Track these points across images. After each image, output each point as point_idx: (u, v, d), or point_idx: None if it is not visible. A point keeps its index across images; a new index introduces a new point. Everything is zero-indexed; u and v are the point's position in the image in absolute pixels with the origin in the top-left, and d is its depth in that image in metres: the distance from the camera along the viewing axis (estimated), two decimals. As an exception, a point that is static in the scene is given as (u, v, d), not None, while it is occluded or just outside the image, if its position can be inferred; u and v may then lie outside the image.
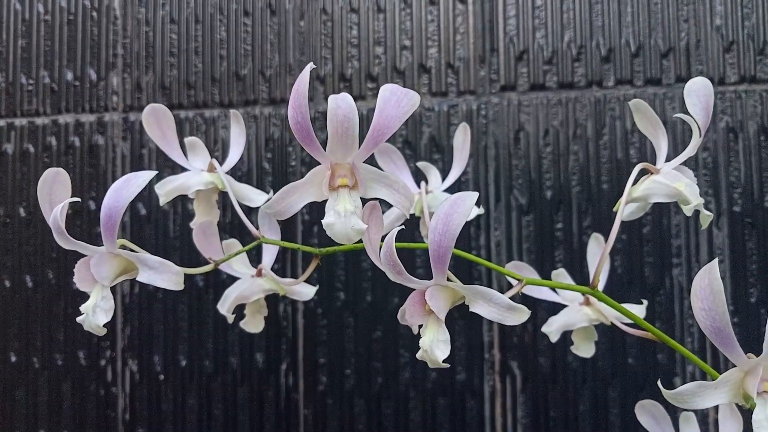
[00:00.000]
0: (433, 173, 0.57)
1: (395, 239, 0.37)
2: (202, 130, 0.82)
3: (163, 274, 0.39)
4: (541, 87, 0.79)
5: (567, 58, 0.78)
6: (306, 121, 0.37)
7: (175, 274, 0.39)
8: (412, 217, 0.51)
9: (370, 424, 0.79)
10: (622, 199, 0.45)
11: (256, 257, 0.55)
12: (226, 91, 0.83)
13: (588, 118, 0.78)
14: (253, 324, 0.53)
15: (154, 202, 0.82)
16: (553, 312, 0.55)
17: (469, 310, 0.39)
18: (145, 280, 0.40)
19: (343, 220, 0.38)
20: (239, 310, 0.53)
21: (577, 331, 0.54)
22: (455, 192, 0.37)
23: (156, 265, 0.40)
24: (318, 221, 0.79)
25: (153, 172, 0.38)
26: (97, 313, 0.39)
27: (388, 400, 0.79)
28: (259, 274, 0.51)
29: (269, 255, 0.53)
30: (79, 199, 0.38)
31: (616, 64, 0.78)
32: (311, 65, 0.37)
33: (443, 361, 0.38)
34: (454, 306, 0.40)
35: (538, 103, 0.78)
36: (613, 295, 0.45)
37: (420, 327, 0.40)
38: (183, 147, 0.52)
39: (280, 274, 0.78)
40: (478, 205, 0.38)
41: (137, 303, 0.82)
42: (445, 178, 0.57)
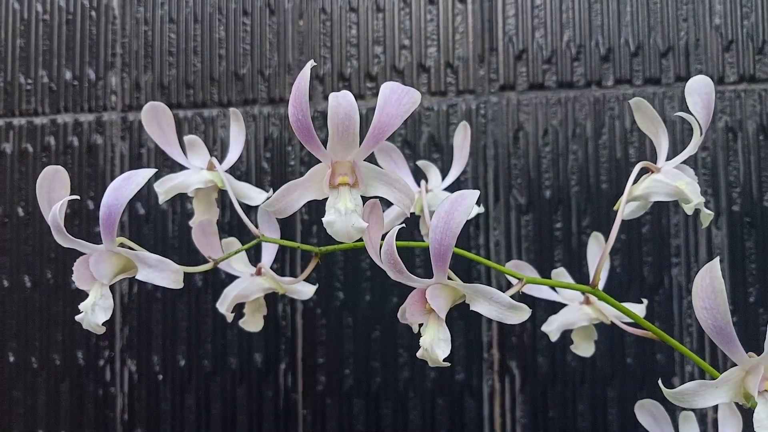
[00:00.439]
0: (433, 172, 0.57)
1: (395, 238, 0.37)
2: (201, 129, 0.82)
3: (162, 273, 0.39)
4: (540, 86, 0.79)
5: (566, 57, 0.78)
6: (306, 119, 0.37)
7: (175, 272, 0.39)
8: (411, 216, 0.50)
9: (369, 424, 0.78)
10: (623, 198, 0.44)
11: (255, 257, 0.55)
12: (225, 91, 0.83)
13: (587, 118, 0.78)
14: (253, 323, 0.53)
15: (152, 201, 0.82)
16: (552, 311, 0.55)
17: (470, 309, 0.39)
18: (144, 278, 0.40)
19: (343, 219, 0.38)
20: (238, 309, 0.53)
21: (577, 331, 0.54)
22: (455, 191, 0.37)
23: (155, 263, 0.39)
24: (317, 221, 0.79)
25: (153, 170, 0.38)
26: (96, 311, 0.39)
27: (387, 400, 0.78)
28: (258, 272, 0.51)
29: (269, 254, 0.53)
30: (78, 197, 0.38)
31: (616, 63, 0.78)
32: (312, 63, 0.36)
33: (444, 360, 0.38)
34: (454, 305, 0.40)
35: (537, 102, 0.78)
36: (612, 294, 0.45)
37: (420, 326, 0.40)
38: (182, 145, 0.52)
39: (279, 273, 0.77)
40: (477, 204, 0.38)
41: (136, 303, 0.82)
42: (444, 177, 0.57)
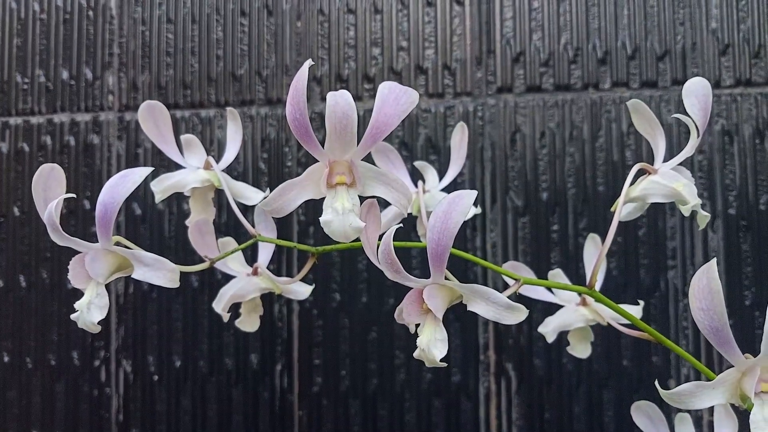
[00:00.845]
0: (430, 173, 0.57)
1: (392, 238, 0.37)
2: (198, 130, 0.82)
3: (158, 271, 0.39)
4: (537, 89, 0.79)
5: (563, 60, 0.79)
6: (304, 118, 0.37)
7: (171, 271, 0.39)
8: (408, 216, 0.50)
9: (365, 426, 0.78)
10: (620, 199, 0.45)
11: (252, 257, 0.54)
12: (222, 91, 0.83)
13: (584, 120, 0.78)
14: (249, 323, 0.53)
15: (149, 201, 0.82)
16: (549, 313, 0.55)
17: (467, 309, 0.39)
18: (140, 277, 0.39)
19: (340, 218, 0.38)
20: (234, 309, 0.53)
21: (573, 332, 0.54)
22: (452, 192, 0.37)
23: (151, 262, 0.39)
24: (314, 221, 0.79)
25: (149, 168, 0.38)
26: (91, 310, 0.39)
27: (383, 402, 0.78)
28: (255, 272, 0.51)
29: (265, 253, 0.53)
30: (74, 195, 0.38)
31: (613, 66, 0.78)
32: (310, 62, 0.36)
33: (440, 361, 0.38)
34: (451, 305, 0.40)
35: (534, 104, 0.79)
36: (608, 296, 0.45)
37: (417, 326, 0.40)
38: (179, 145, 0.52)
39: (275, 273, 0.77)
40: (474, 205, 0.38)
41: (131, 303, 0.82)
42: (441, 178, 0.57)
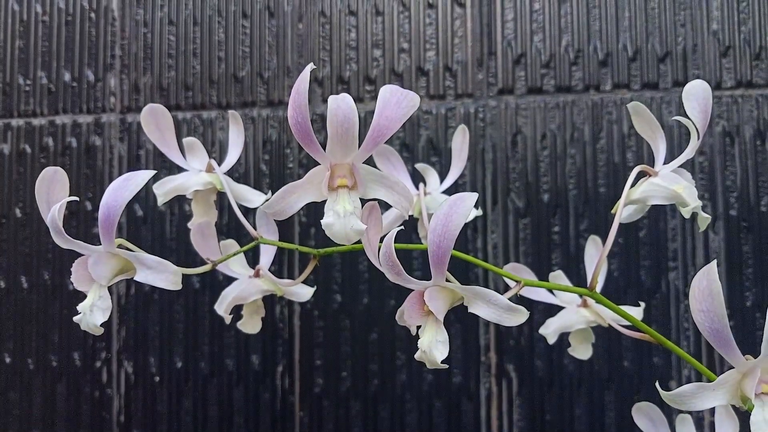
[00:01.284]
0: (431, 175, 0.57)
1: (394, 240, 0.37)
2: (200, 131, 0.82)
3: (161, 274, 0.39)
4: (538, 90, 0.79)
5: (564, 61, 0.79)
6: (306, 121, 0.37)
7: (173, 273, 0.39)
8: (409, 218, 0.51)
9: (366, 427, 0.78)
10: (621, 201, 0.45)
11: (253, 259, 0.55)
12: (224, 93, 0.83)
13: (585, 122, 0.78)
14: (250, 325, 0.53)
15: (150, 203, 0.82)
16: (550, 314, 0.55)
17: (468, 311, 0.39)
18: (142, 279, 0.40)
19: (342, 221, 0.38)
20: (236, 311, 0.53)
21: (574, 333, 0.54)
22: (453, 194, 0.37)
23: (154, 264, 0.39)
24: (315, 223, 0.79)
25: (152, 171, 0.38)
26: (94, 312, 0.39)
27: (384, 403, 0.78)
28: (256, 274, 0.51)
29: (267, 256, 0.53)
30: (77, 198, 0.38)
31: (614, 68, 0.78)
32: (311, 65, 0.37)
33: (441, 362, 0.38)
34: (452, 307, 0.40)
35: (535, 106, 0.79)
36: (609, 298, 0.45)
37: (418, 328, 0.40)
38: (181, 147, 0.52)
39: (276, 275, 0.77)
40: (475, 207, 0.39)
41: (133, 304, 0.82)
42: (443, 180, 0.57)
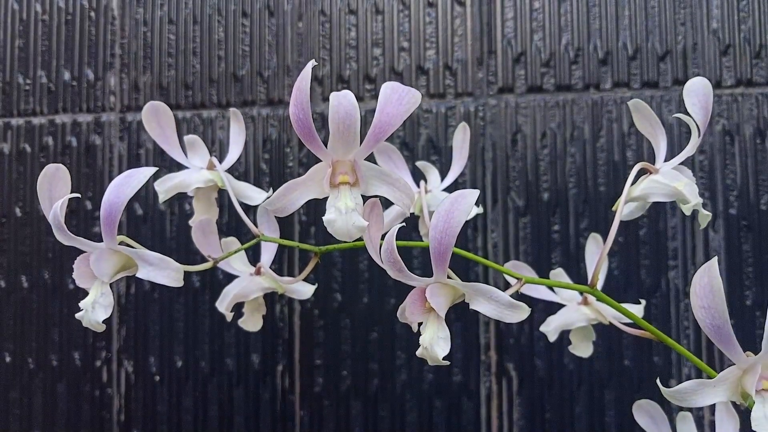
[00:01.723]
0: (432, 173, 0.57)
1: (395, 237, 0.37)
2: (200, 130, 0.82)
3: (162, 271, 0.39)
4: (538, 89, 0.79)
5: (564, 60, 0.79)
6: (308, 119, 0.37)
7: (175, 270, 0.39)
8: (410, 216, 0.51)
9: (367, 426, 0.78)
10: (622, 198, 0.45)
11: (254, 257, 0.55)
12: (224, 92, 0.83)
13: (585, 121, 0.78)
14: (251, 322, 0.53)
15: (151, 201, 0.82)
16: (550, 312, 0.55)
17: (470, 308, 0.39)
18: (144, 276, 0.40)
19: (344, 217, 0.38)
20: (237, 309, 0.53)
21: (575, 331, 0.54)
22: (454, 192, 0.37)
23: (156, 261, 0.40)
24: (315, 221, 0.79)
25: (153, 168, 0.38)
26: (96, 309, 0.39)
27: (384, 402, 0.79)
28: (258, 272, 0.51)
29: (268, 253, 0.53)
30: (79, 195, 0.38)
31: (614, 66, 0.78)
32: (313, 62, 0.37)
33: (443, 358, 0.38)
34: (453, 304, 0.40)
35: (535, 105, 0.79)
36: (610, 296, 0.45)
37: (420, 325, 0.40)
38: (182, 145, 0.52)
39: (276, 273, 0.77)
40: (476, 205, 0.39)
41: (133, 303, 0.82)
42: (443, 178, 0.57)
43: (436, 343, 0.38)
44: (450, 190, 0.51)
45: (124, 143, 0.84)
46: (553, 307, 0.55)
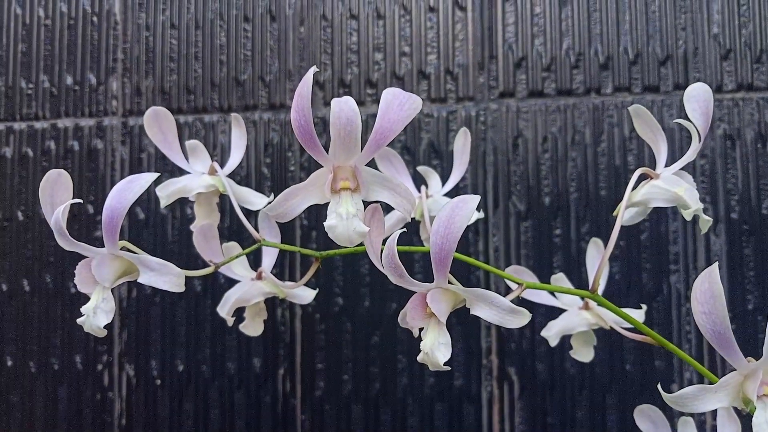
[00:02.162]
0: (433, 178, 0.57)
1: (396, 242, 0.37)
2: (202, 135, 0.83)
3: (164, 276, 0.39)
4: (539, 94, 0.79)
5: (565, 65, 0.79)
6: (309, 124, 0.37)
7: (176, 275, 0.39)
8: (411, 221, 0.51)
9: (368, 430, 0.78)
10: (622, 204, 0.45)
11: (254, 262, 0.55)
12: (225, 96, 0.83)
13: (586, 125, 0.78)
14: (253, 327, 0.53)
15: (152, 206, 0.82)
16: (552, 317, 0.55)
17: (471, 313, 0.39)
18: (146, 281, 0.40)
19: (345, 223, 0.38)
20: (238, 314, 0.53)
21: (576, 336, 0.54)
22: (455, 197, 0.37)
23: (157, 266, 0.40)
24: (316, 226, 0.79)
25: (155, 174, 0.38)
26: (97, 314, 0.39)
27: (385, 406, 0.78)
28: (259, 277, 0.51)
29: (269, 258, 0.53)
30: (81, 200, 0.39)
31: (615, 71, 0.78)
32: (314, 68, 0.37)
33: (444, 364, 0.38)
34: (454, 310, 0.40)
35: (536, 109, 0.79)
36: (611, 301, 0.45)
37: (421, 330, 0.40)
38: (184, 150, 0.52)
39: (278, 278, 0.77)
40: (477, 209, 0.39)
41: (134, 307, 0.82)
42: (444, 183, 0.57)
43: (437, 348, 0.38)
44: (451, 194, 0.51)
45: (126, 147, 0.84)
46: (555, 312, 0.55)
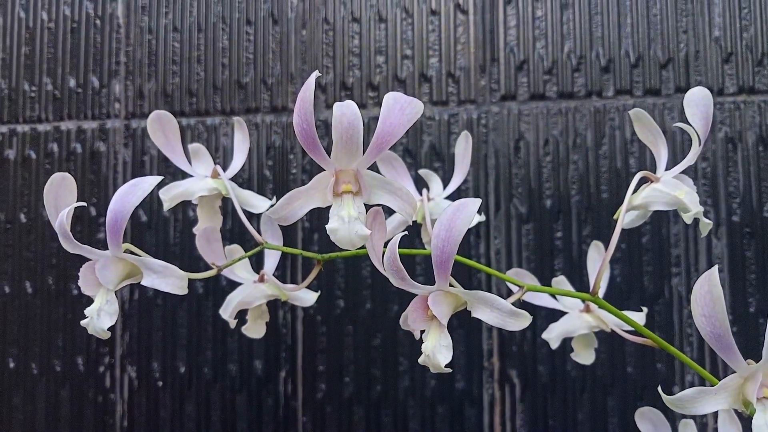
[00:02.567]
0: (434, 181, 0.57)
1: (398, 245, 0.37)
2: (204, 137, 0.83)
3: (167, 279, 0.40)
4: (541, 97, 0.79)
5: (567, 68, 0.79)
6: (311, 128, 0.37)
7: (179, 278, 0.40)
8: (413, 224, 0.51)
9: (369, 432, 0.79)
10: (623, 207, 0.45)
11: (256, 264, 0.55)
12: (227, 99, 0.83)
13: (588, 128, 0.78)
14: (255, 329, 0.53)
15: (154, 208, 0.82)
16: (553, 319, 0.55)
17: (472, 316, 0.39)
18: (149, 284, 0.40)
19: (347, 226, 0.38)
20: (240, 316, 0.53)
21: (577, 338, 0.54)
22: (456, 200, 0.38)
23: (160, 269, 0.40)
24: (318, 229, 0.80)
25: (159, 177, 0.39)
26: (101, 316, 0.40)
27: (387, 408, 0.79)
28: (261, 279, 0.51)
29: (271, 261, 0.53)
30: (85, 203, 0.39)
31: (616, 74, 0.78)
32: (316, 73, 0.37)
33: (446, 366, 0.38)
34: (455, 312, 0.40)
35: (538, 112, 0.79)
36: (612, 303, 0.45)
37: (422, 332, 0.40)
38: (186, 153, 0.52)
39: (279, 280, 0.78)
40: (478, 212, 0.39)
41: (136, 309, 0.82)
42: (446, 186, 0.57)
43: (438, 350, 0.38)
44: (452, 197, 0.51)
45: (128, 150, 0.84)
46: (556, 315, 0.55)
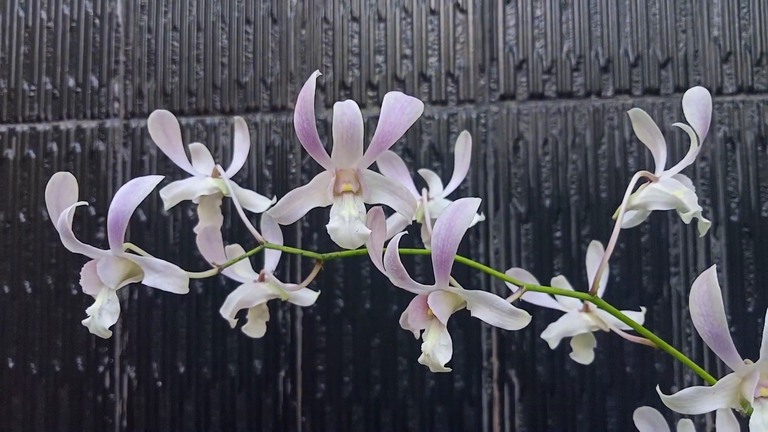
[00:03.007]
0: (434, 180, 0.57)
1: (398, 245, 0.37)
2: (203, 137, 0.83)
3: (168, 278, 0.40)
4: (540, 96, 0.79)
5: (566, 67, 0.79)
6: (312, 128, 0.37)
7: (181, 277, 0.40)
8: (412, 224, 0.51)
9: None
10: (622, 207, 0.45)
11: (256, 264, 0.55)
12: (227, 98, 0.83)
13: (587, 128, 0.78)
14: (255, 329, 0.53)
15: (154, 208, 0.82)
16: (552, 319, 0.55)
17: (471, 315, 0.39)
18: (150, 283, 0.40)
19: (347, 226, 0.38)
20: (241, 316, 0.53)
21: (576, 338, 0.54)
22: (456, 200, 0.38)
23: (161, 268, 0.40)
24: (318, 228, 0.80)
25: (159, 177, 0.39)
26: (103, 315, 0.40)
27: (386, 408, 0.79)
28: (261, 279, 0.51)
29: (272, 260, 0.53)
30: (86, 203, 0.39)
31: (615, 73, 0.79)
32: (317, 73, 0.37)
33: (445, 365, 0.38)
34: (455, 312, 0.41)
35: (537, 112, 0.79)
36: (611, 303, 0.45)
37: (422, 332, 0.40)
38: (187, 153, 0.52)
39: (280, 280, 0.78)
40: (478, 212, 0.39)
41: (136, 309, 0.82)
42: (445, 185, 0.57)
43: (437, 350, 0.38)
44: (452, 197, 0.51)
45: (128, 149, 0.84)
46: (555, 314, 0.55)
